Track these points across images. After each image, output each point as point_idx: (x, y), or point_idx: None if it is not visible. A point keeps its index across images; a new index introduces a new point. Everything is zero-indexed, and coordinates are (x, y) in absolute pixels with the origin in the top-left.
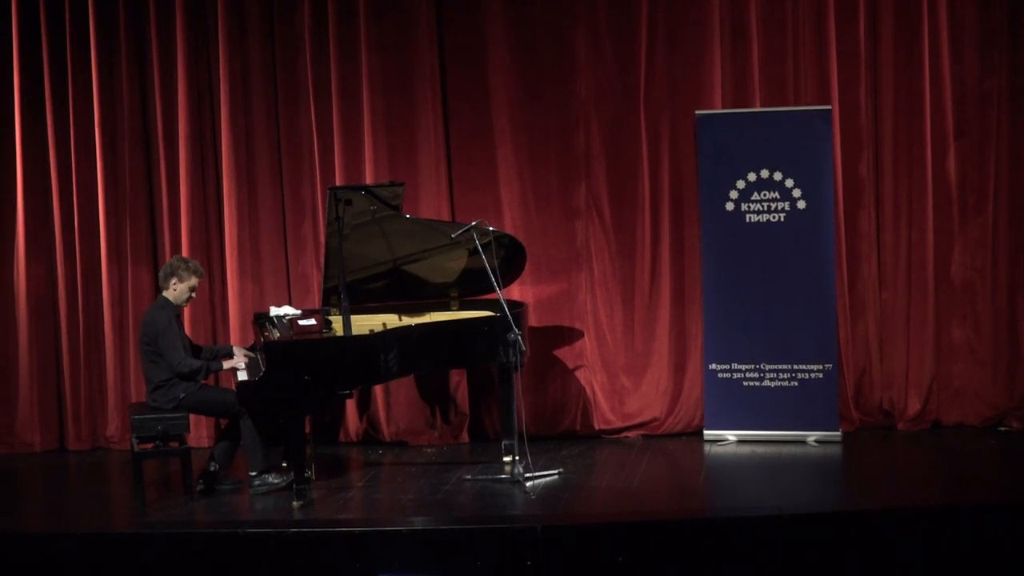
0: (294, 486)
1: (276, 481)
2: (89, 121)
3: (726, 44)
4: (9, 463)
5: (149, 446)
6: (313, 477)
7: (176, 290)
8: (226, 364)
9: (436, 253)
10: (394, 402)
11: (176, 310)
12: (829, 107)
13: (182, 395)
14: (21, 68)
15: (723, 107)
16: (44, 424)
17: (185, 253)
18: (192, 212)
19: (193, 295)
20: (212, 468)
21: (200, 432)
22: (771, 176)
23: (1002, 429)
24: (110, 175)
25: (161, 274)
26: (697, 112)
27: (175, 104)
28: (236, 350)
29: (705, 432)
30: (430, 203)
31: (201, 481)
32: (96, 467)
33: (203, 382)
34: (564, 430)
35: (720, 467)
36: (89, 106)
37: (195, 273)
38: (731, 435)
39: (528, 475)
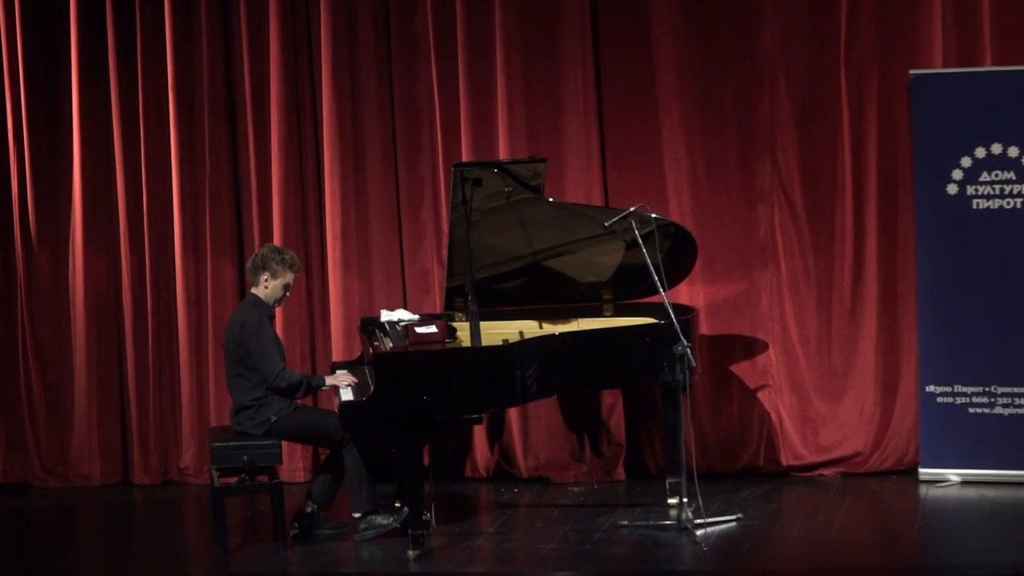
0: (409, 531)
1: (385, 522)
2: (161, 83)
3: None
4: (63, 499)
5: (233, 480)
6: (433, 521)
7: (268, 287)
8: (329, 380)
9: (585, 245)
10: (533, 429)
11: (270, 310)
12: None
13: (274, 418)
14: (79, 18)
15: (944, 66)
16: (105, 452)
17: (277, 242)
18: (286, 193)
19: (287, 294)
20: (309, 509)
21: (295, 464)
22: (1005, 152)
23: None
24: (186, 148)
25: (250, 267)
26: (911, 72)
27: (266, 61)
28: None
29: (920, 470)
30: (578, 183)
31: (296, 524)
32: (168, 505)
33: (299, 402)
34: (743, 466)
35: (939, 514)
36: (162, 64)
37: (291, 268)
38: (953, 474)
39: (699, 521)
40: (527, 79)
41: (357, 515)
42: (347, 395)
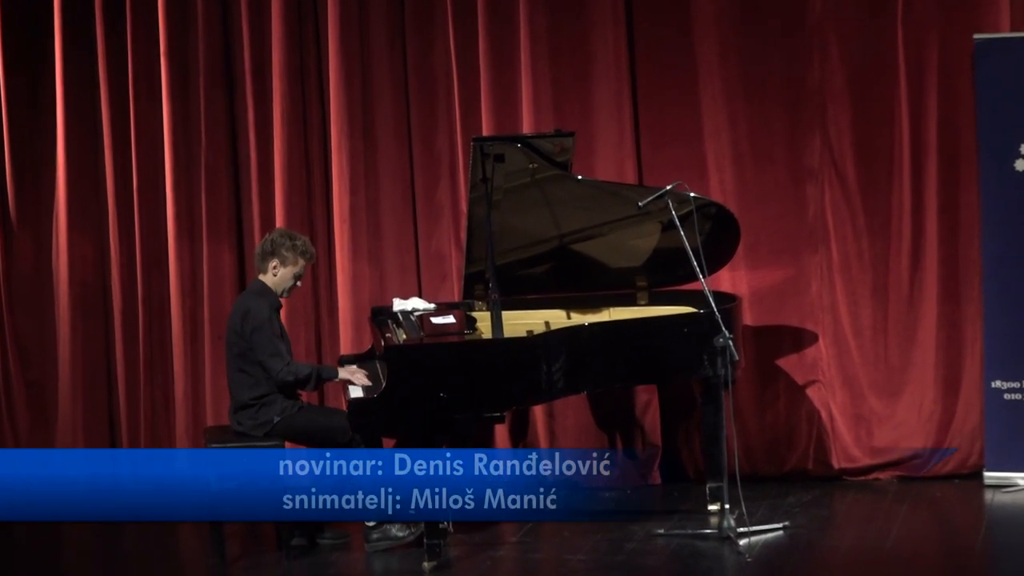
0: (425, 541)
1: (401, 534)
2: (153, 50)
3: None
4: None
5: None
6: (451, 529)
7: (277, 275)
8: (343, 372)
9: (617, 227)
10: (560, 429)
11: (277, 300)
12: None
13: (276, 418)
14: None
15: (1012, 29)
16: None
17: (280, 225)
18: (289, 171)
19: (298, 284)
20: None
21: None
22: None
23: None
24: (180, 123)
25: (258, 252)
26: (976, 36)
27: (267, 26)
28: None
29: (986, 474)
30: (609, 159)
31: (298, 533)
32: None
33: (305, 401)
34: (791, 469)
35: (1006, 522)
36: (153, 30)
37: (303, 255)
38: (1022, 478)
39: (742, 529)
40: (553, 44)
41: (370, 524)
42: (356, 393)
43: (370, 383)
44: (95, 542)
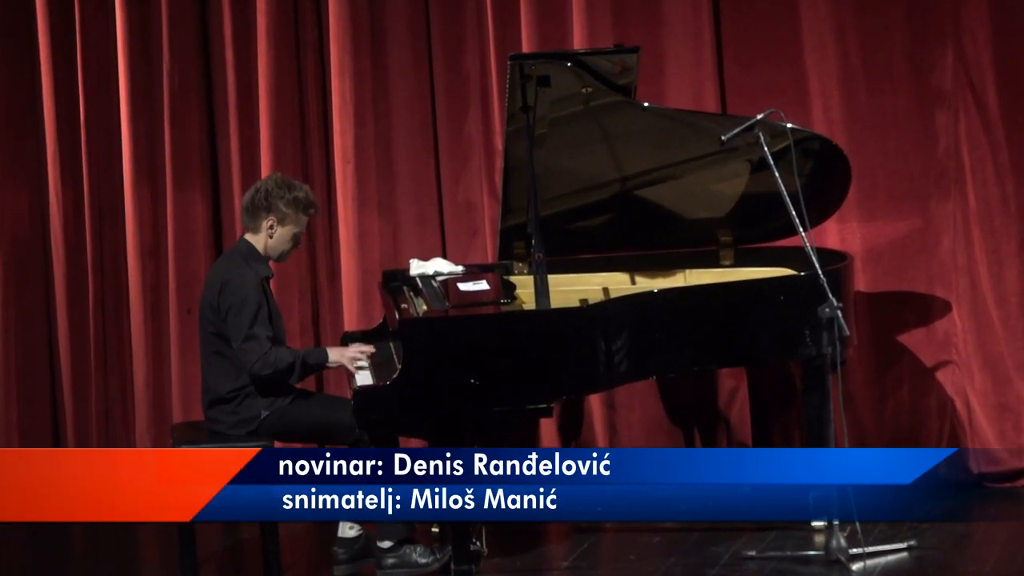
0: (452, 567)
1: (423, 561)
2: None
3: None
4: None
5: None
6: (484, 550)
7: (273, 236)
8: (334, 354)
9: (695, 168)
10: (623, 424)
11: (268, 268)
12: None
13: (264, 413)
14: None
15: None
16: None
17: (265, 166)
18: (276, 97)
19: (297, 246)
20: None
21: None
22: None
23: None
24: (137, 36)
25: (247, 204)
26: None
27: None
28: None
29: None
30: (683, 82)
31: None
32: (117, 534)
33: (299, 387)
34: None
35: None
36: None
37: (306, 210)
38: None
39: (855, 551)
40: None
41: (384, 545)
42: (364, 379)
43: (372, 350)
44: (28, 560)
